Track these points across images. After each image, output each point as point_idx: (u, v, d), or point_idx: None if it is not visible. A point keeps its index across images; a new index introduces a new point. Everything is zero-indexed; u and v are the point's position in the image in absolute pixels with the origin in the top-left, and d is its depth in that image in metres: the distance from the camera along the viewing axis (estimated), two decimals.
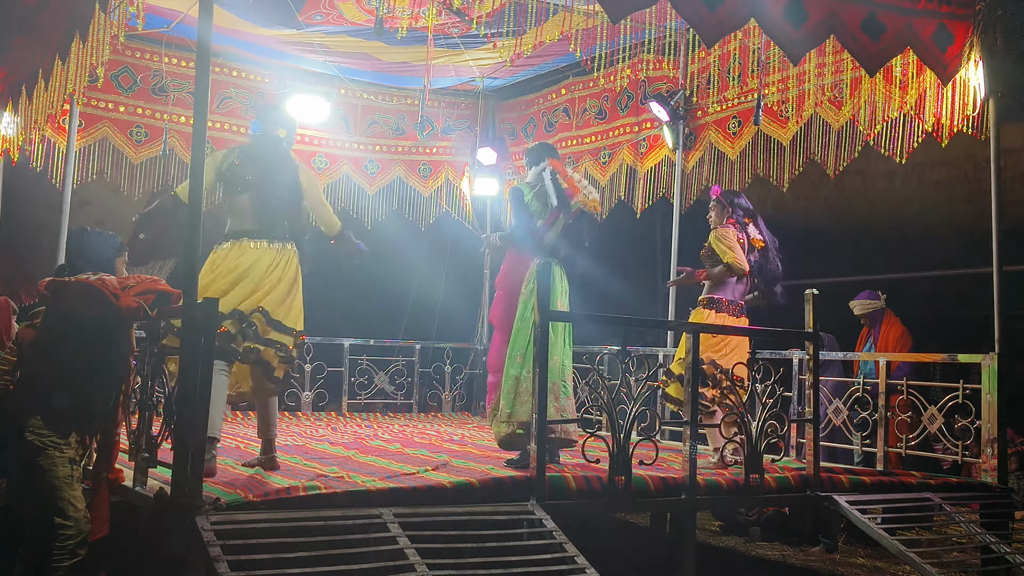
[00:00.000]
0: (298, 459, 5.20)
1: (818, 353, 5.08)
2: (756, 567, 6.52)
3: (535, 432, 4.26)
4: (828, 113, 6.33)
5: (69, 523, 4.01)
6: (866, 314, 7.65)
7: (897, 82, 5.51)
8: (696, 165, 7.53)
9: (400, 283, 10.63)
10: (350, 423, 7.81)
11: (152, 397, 4.17)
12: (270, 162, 4.93)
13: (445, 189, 9.48)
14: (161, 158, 7.98)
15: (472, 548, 3.75)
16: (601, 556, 4.09)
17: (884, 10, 4.88)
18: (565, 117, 8.82)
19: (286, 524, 3.66)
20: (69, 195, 6.67)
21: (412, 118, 9.20)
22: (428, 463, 5.06)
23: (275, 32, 7.45)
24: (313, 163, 8.86)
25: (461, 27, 7.05)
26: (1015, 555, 4.87)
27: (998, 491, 5.28)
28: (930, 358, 6.40)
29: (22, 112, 5.89)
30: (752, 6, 4.56)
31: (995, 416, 5.25)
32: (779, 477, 4.99)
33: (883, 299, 7.63)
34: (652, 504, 5.03)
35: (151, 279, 4.26)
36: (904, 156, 5.78)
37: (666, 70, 7.78)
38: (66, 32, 5.06)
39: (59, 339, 4.18)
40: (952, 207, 9.01)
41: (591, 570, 3.81)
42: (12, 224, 7.12)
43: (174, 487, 3.62)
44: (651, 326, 8.92)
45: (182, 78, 8.00)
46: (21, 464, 4.16)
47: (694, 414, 4.68)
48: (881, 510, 5.19)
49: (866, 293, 7.72)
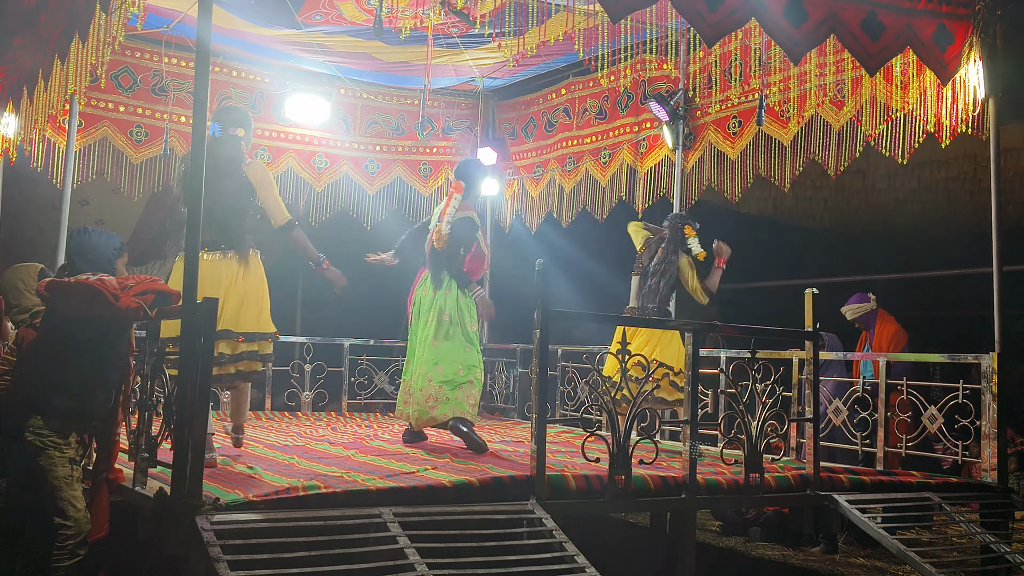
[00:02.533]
0: (298, 459, 5.20)
1: (818, 353, 5.08)
2: (756, 567, 6.52)
3: (535, 432, 4.26)
4: (829, 113, 6.33)
5: (69, 523, 4.01)
6: (859, 317, 7.65)
7: (897, 82, 5.51)
8: (696, 165, 7.54)
9: (400, 283, 10.59)
10: (350, 423, 7.81)
11: (152, 397, 4.17)
12: (221, 169, 5.02)
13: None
14: (161, 158, 7.98)
15: (472, 547, 3.75)
16: (601, 556, 4.09)
17: (884, 10, 4.88)
18: (565, 117, 8.82)
19: (286, 524, 3.66)
20: (69, 195, 6.67)
21: (412, 118, 9.21)
22: (428, 462, 5.06)
23: (275, 32, 7.45)
24: (313, 163, 8.87)
25: (461, 27, 7.06)
26: (1015, 555, 4.87)
27: (998, 491, 5.28)
28: (930, 358, 6.40)
29: (22, 112, 5.90)
30: (752, 6, 4.56)
31: (995, 416, 5.25)
32: (779, 477, 4.99)
33: (873, 300, 7.62)
34: (652, 504, 5.03)
35: (151, 279, 4.26)
36: (906, 156, 5.78)
37: (666, 70, 7.78)
38: (66, 32, 5.05)
39: (59, 339, 4.18)
40: (952, 207, 9.01)
41: (591, 570, 3.81)
42: (12, 224, 7.12)
43: (174, 487, 3.62)
44: (651, 326, 8.90)
45: (182, 78, 8.00)
46: (21, 464, 4.16)
47: (694, 414, 4.68)
48: (881, 510, 5.20)
49: (856, 297, 7.71)
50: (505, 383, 8.99)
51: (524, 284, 5.56)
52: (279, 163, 8.72)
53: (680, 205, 7.63)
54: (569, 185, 8.70)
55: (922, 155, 6.04)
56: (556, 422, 7.45)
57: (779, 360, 5.96)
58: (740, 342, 6.38)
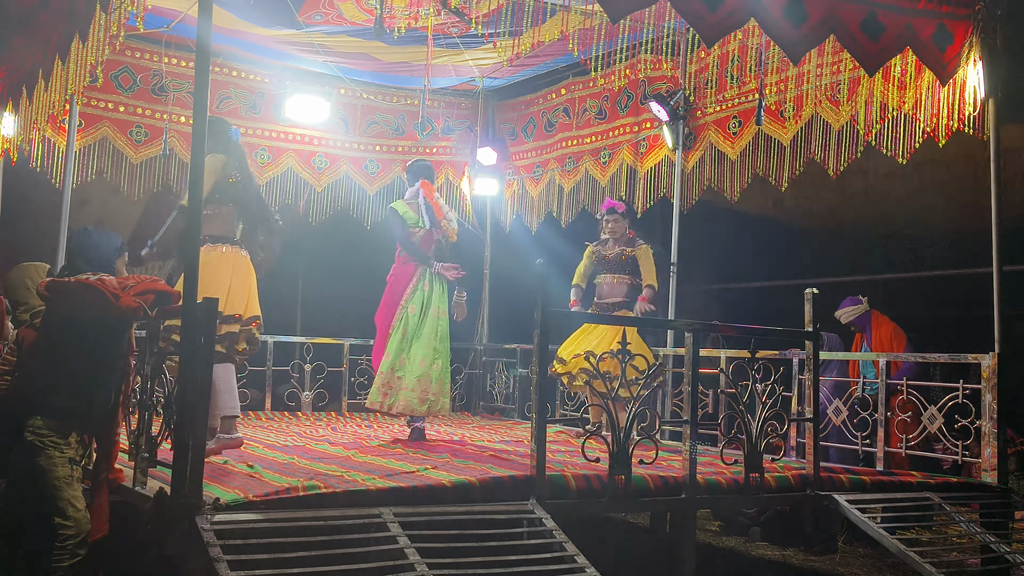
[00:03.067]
0: (298, 459, 5.20)
1: (818, 353, 5.08)
2: (756, 567, 6.52)
3: (535, 432, 4.26)
4: (828, 113, 6.33)
5: (69, 523, 4.01)
6: (853, 320, 7.64)
7: (896, 82, 5.51)
8: (696, 165, 7.54)
9: None
10: (350, 423, 7.81)
11: (152, 397, 4.17)
12: (250, 174, 5.67)
13: (445, 189, 9.48)
14: (161, 158, 7.99)
15: (472, 547, 3.75)
16: (601, 556, 4.09)
17: (884, 10, 4.88)
18: (565, 117, 8.82)
19: (286, 524, 3.66)
20: (69, 195, 6.66)
21: (412, 118, 9.21)
22: (428, 462, 5.06)
23: (275, 32, 7.45)
24: (313, 163, 8.88)
25: (461, 27, 7.06)
26: (1015, 555, 4.87)
27: (998, 491, 5.28)
28: (930, 358, 6.40)
29: (22, 112, 5.89)
30: (752, 6, 4.56)
31: (995, 416, 5.25)
32: (779, 476, 4.99)
33: (865, 301, 7.62)
34: (652, 503, 5.03)
35: (151, 279, 4.26)
36: (906, 156, 5.78)
37: (665, 70, 7.78)
38: (66, 32, 5.06)
39: (59, 339, 4.18)
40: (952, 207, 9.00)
41: (591, 569, 3.81)
42: (12, 224, 7.12)
43: (174, 487, 3.62)
44: (651, 325, 8.92)
45: (182, 78, 8.01)
46: (21, 464, 4.15)
47: (694, 413, 4.68)
48: (881, 509, 5.19)
49: (848, 300, 7.70)
50: (505, 383, 9.00)
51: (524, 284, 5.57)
52: (279, 163, 8.73)
53: (681, 205, 7.63)
54: (569, 185, 8.70)
55: (922, 155, 6.02)
56: (556, 422, 7.45)
57: (779, 360, 5.97)
58: (740, 342, 6.39)
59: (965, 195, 8.65)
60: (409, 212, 6.62)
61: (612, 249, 6.99)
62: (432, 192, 6.64)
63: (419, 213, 6.61)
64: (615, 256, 6.95)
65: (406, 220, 6.60)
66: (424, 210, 6.57)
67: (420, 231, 6.58)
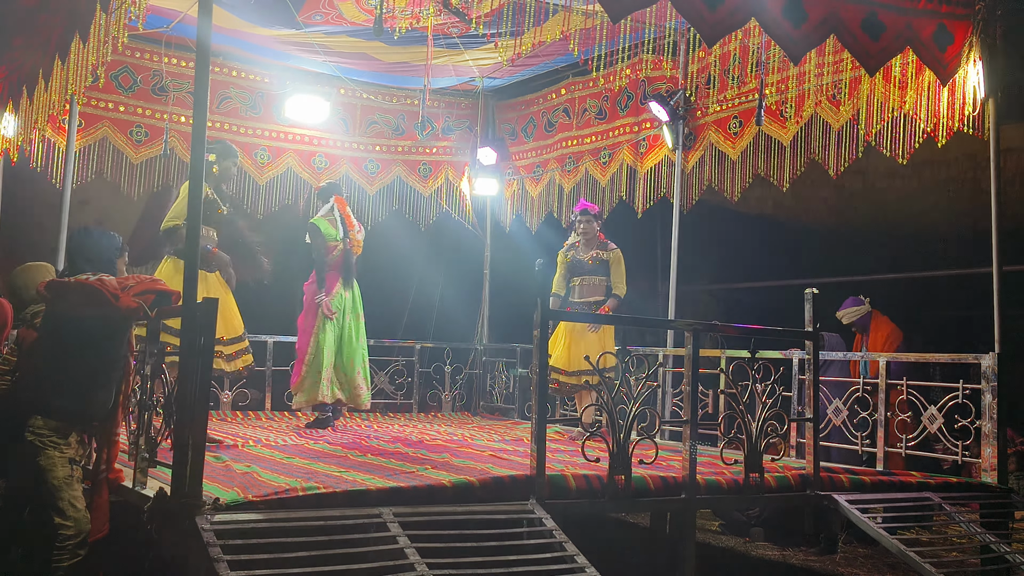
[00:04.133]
0: (297, 459, 5.20)
1: (818, 353, 5.08)
2: (756, 567, 6.52)
3: (535, 432, 4.26)
4: (828, 113, 6.33)
5: (69, 523, 4.01)
6: (855, 321, 7.64)
7: (897, 82, 5.51)
8: (696, 165, 7.53)
9: (400, 283, 10.63)
10: (350, 423, 7.81)
11: (152, 397, 4.17)
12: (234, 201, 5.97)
13: (445, 189, 9.48)
14: (161, 158, 7.99)
15: (472, 547, 3.75)
16: (601, 556, 4.09)
17: (884, 10, 4.88)
18: (565, 117, 8.82)
19: (286, 524, 3.66)
20: (69, 195, 6.66)
21: (412, 118, 9.21)
22: (428, 462, 5.06)
23: (275, 32, 7.45)
24: (313, 163, 8.88)
25: (461, 27, 7.06)
26: (1015, 555, 4.87)
27: (998, 491, 5.28)
28: (931, 358, 6.40)
29: (22, 112, 5.89)
30: (752, 6, 4.56)
31: (995, 416, 5.25)
32: (779, 477, 4.99)
33: (867, 302, 7.62)
34: (652, 504, 5.03)
35: (151, 279, 4.27)
36: (906, 156, 5.78)
37: (666, 70, 7.78)
38: (66, 32, 5.06)
39: (59, 339, 4.18)
40: (952, 207, 9.00)
41: (591, 569, 3.81)
42: (12, 224, 7.12)
43: (174, 487, 3.62)
44: (651, 325, 8.93)
45: (182, 78, 8.01)
46: (21, 464, 4.16)
47: (694, 413, 4.68)
48: (881, 509, 5.19)
49: (849, 301, 7.70)
50: (505, 383, 8.99)
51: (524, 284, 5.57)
52: (279, 163, 8.73)
53: (681, 205, 7.63)
54: (569, 185, 8.70)
55: (922, 155, 6.03)
56: (556, 422, 7.45)
57: (779, 360, 5.97)
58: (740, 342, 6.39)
59: (965, 195, 8.65)
60: (330, 229, 7.13)
61: (587, 252, 7.14)
62: (345, 206, 7.30)
63: (336, 227, 7.14)
64: (590, 259, 7.11)
65: (327, 237, 7.10)
66: (340, 222, 7.15)
67: (337, 245, 7.11)
